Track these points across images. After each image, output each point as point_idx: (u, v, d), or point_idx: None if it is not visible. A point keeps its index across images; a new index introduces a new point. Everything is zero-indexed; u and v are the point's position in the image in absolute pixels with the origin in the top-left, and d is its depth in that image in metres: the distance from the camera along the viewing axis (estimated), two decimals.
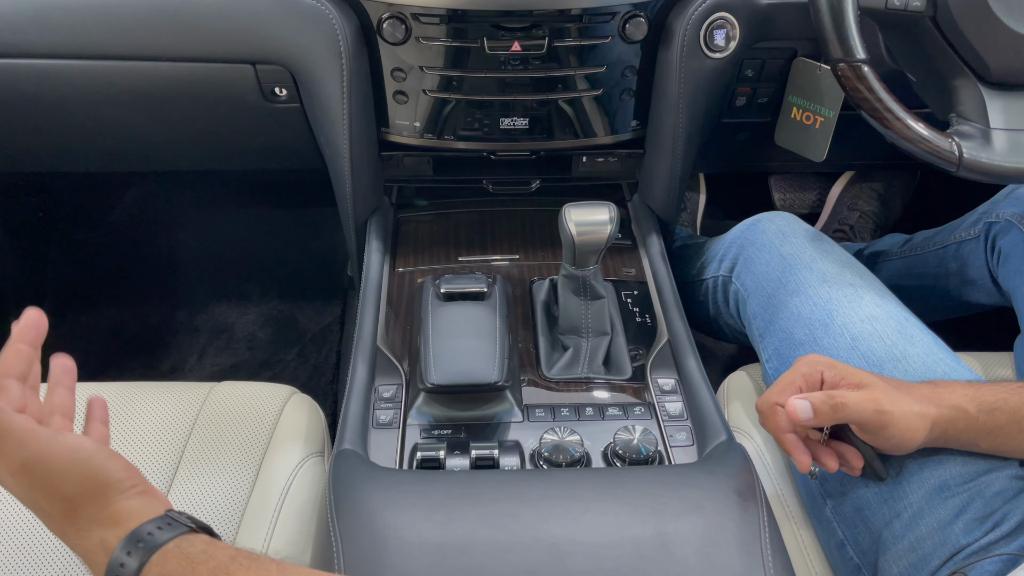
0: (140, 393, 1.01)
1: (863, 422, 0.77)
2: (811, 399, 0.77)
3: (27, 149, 1.25)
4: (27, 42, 1.01)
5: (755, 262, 1.11)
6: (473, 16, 0.99)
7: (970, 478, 0.79)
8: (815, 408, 0.77)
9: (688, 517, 0.69)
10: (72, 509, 0.58)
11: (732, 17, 1.03)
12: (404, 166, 1.20)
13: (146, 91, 1.07)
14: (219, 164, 1.37)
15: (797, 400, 0.77)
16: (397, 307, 1.05)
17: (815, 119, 1.17)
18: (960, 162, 0.89)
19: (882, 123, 0.91)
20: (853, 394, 0.77)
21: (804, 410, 0.77)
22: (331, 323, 1.76)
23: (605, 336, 0.98)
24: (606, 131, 1.14)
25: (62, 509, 0.58)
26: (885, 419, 0.75)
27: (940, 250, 1.24)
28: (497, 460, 0.82)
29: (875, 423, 0.76)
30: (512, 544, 0.67)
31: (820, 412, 0.77)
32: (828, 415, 0.77)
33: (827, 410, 0.76)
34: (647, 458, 0.81)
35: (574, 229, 0.88)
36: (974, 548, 0.75)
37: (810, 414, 0.77)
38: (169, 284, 1.83)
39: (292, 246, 1.92)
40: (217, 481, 0.91)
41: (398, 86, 1.07)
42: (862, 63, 0.89)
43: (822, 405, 0.76)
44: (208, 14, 0.99)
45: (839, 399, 0.76)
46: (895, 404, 0.76)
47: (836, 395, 0.77)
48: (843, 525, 0.86)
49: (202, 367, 1.68)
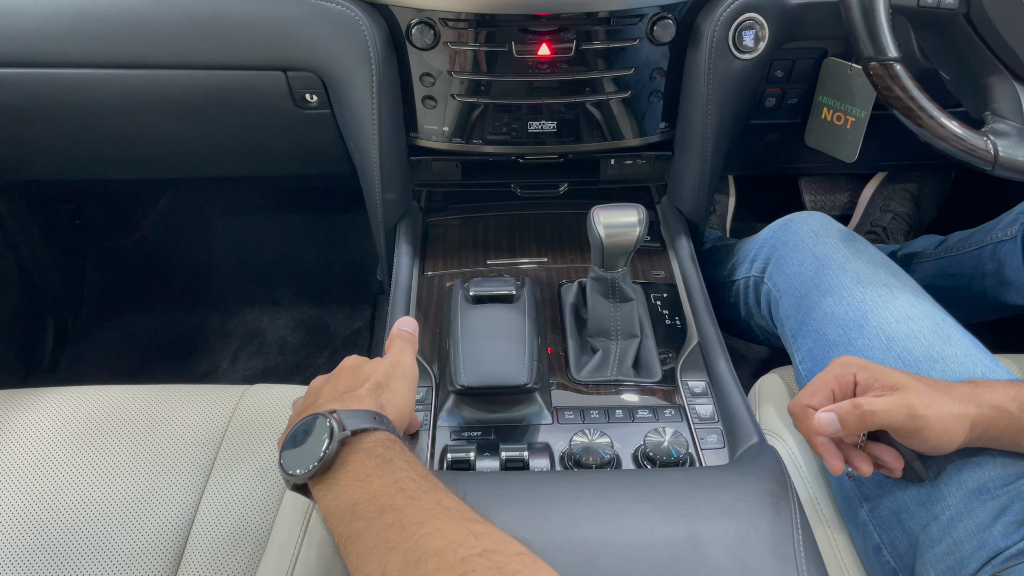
0: (175, 396, 1.03)
1: (895, 427, 0.76)
2: (837, 410, 0.76)
3: (64, 157, 1.28)
4: (63, 52, 1.03)
5: (788, 262, 1.10)
6: (501, 20, 1.00)
7: (1009, 480, 0.77)
8: (841, 419, 0.76)
9: (720, 519, 0.69)
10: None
11: (761, 18, 1.02)
12: (433, 170, 1.20)
13: (180, 99, 1.09)
14: (251, 170, 1.39)
15: (823, 414, 0.77)
16: (426, 310, 1.05)
17: (846, 119, 1.16)
18: (996, 160, 0.88)
19: (915, 122, 0.90)
20: (883, 400, 0.75)
21: (831, 423, 0.76)
22: (361, 327, 1.78)
23: (634, 338, 0.97)
24: (634, 133, 1.14)
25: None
26: (919, 423, 0.74)
27: (976, 251, 1.22)
28: (527, 462, 0.82)
29: (909, 428, 0.75)
30: (543, 545, 0.66)
31: (847, 423, 0.76)
32: (855, 425, 0.76)
33: (854, 420, 0.76)
34: (678, 460, 0.81)
35: (603, 231, 0.88)
36: (1013, 551, 0.74)
37: (837, 426, 0.76)
38: (202, 289, 1.86)
39: (322, 251, 1.94)
40: (251, 482, 0.92)
41: (427, 91, 1.07)
42: (894, 61, 0.89)
43: (848, 416, 0.76)
44: (240, 22, 1.01)
45: (867, 407, 0.75)
46: (931, 407, 0.75)
47: (863, 403, 0.75)
48: (879, 528, 0.85)
49: (234, 371, 1.71)
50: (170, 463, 0.93)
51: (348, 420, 0.65)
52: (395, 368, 0.77)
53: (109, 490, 0.90)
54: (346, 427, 0.64)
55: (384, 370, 0.76)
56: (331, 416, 0.65)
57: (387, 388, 0.75)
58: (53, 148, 1.24)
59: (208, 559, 0.86)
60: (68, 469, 0.92)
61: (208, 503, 0.90)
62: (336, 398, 0.71)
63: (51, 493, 0.90)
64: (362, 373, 0.76)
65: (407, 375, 0.78)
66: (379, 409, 0.70)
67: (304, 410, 0.72)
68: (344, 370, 0.78)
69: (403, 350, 0.81)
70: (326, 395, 0.74)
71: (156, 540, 0.87)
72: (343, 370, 0.78)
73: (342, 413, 0.66)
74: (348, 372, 0.77)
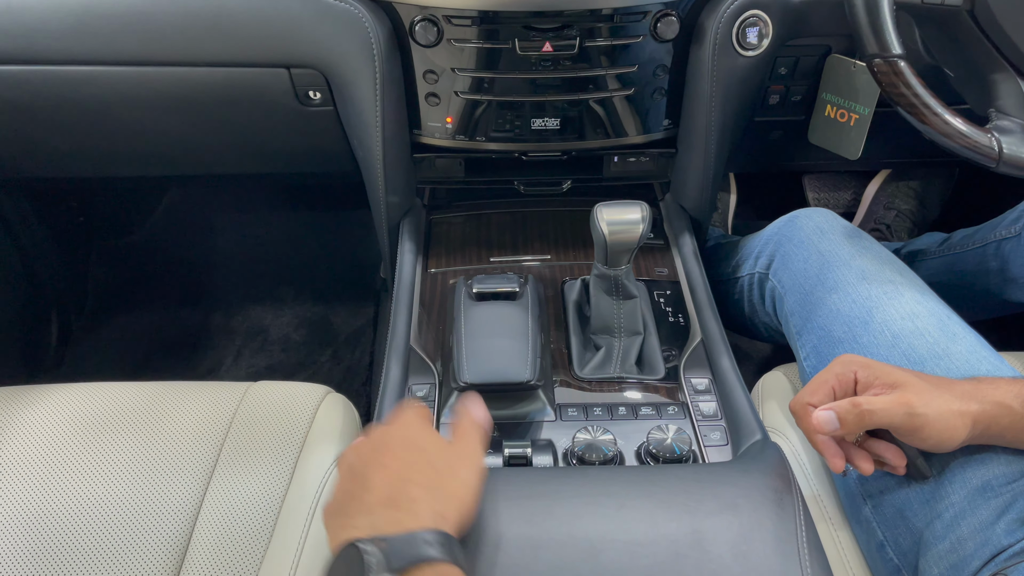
0: (179, 393, 1.03)
1: (894, 426, 0.76)
2: (836, 409, 0.76)
3: (69, 154, 1.28)
4: (68, 49, 1.04)
5: (792, 259, 1.09)
6: (504, 17, 0.99)
7: (1013, 478, 0.77)
8: (840, 418, 0.76)
9: (723, 515, 0.69)
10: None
11: (765, 15, 1.02)
12: (436, 168, 1.20)
13: (183, 96, 1.09)
14: (254, 167, 1.39)
15: (821, 412, 0.77)
16: (430, 307, 1.05)
17: (850, 116, 1.15)
18: (1000, 158, 0.87)
19: (919, 119, 0.89)
20: (881, 399, 0.75)
21: (829, 421, 0.76)
22: (364, 325, 1.78)
23: (638, 336, 0.97)
24: (638, 131, 1.14)
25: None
26: (918, 421, 0.74)
27: (980, 248, 1.22)
28: (530, 459, 0.82)
29: (907, 426, 0.75)
30: (547, 540, 0.67)
31: (845, 422, 0.76)
32: (854, 424, 0.76)
33: (852, 419, 0.75)
34: (681, 457, 0.81)
35: (606, 228, 0.88)
36: (1016, 549, 0.74)
37: (835, 425, 0.76)
38: (205, 287, 1.87)
39: (326, 249, 1.94)
40: (254, 479, 0.92)
41: (430, 88, 1.07)
42: (898, 58, 0.88)
43: (847, 415, 0.76)
44: (244, 20, 1.01)
45: (865, 406, 0.75)
46: (930, 405, 0.74)
47: (862, 402, 0.75)
48: (883, 526, 0.84)
49: (238, 369, 1.71)
50: (174, 460, 0.94)
51: (395, 554, 0.54)
52: (462, 457, 0.66)
53: (113, 487, 0.91)
54: (391, 566, 0.54)
55: (448, 455, 0.65)
56: (375, 546, 0.55)
57: (453, 480, 0.63)
58: (56, 145, 1.24)
59: (212, 555, 0.86)
60: (72, 466, 0.92)
61: (212, 499, 0.90)
62: (387, 502, 0.59)
63: (55, 490, 0.90)
64: (418, 455, 0.64)
65: (477, 465, 0.66)
66: (437, 520, 0.59)
67: (347, 501, 0.61)
68: (394, 448, 0.65)
69: (477, 441, 0.69)
70: (375, 489, 0.61)
71: (160, 536, 0.87)
72: (393, 448, 0.65)
73: (391, 542, 0.55)
74: (400, 452, 0.64)
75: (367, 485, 0.61)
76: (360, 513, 0.59)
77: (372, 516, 0.58)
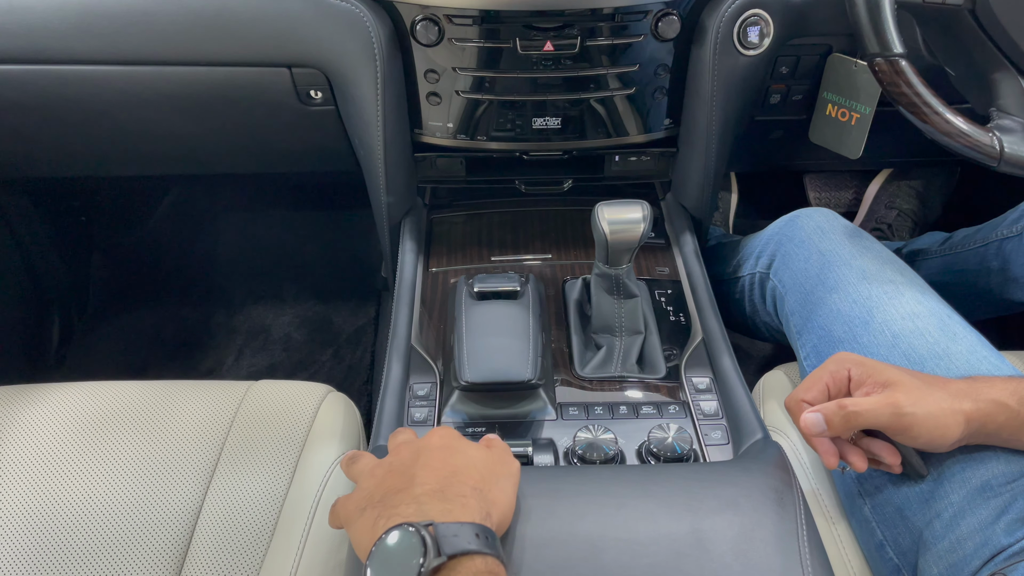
0: (180, 392, 1.03)
1: (882, 427, 0.76)
2: (823, 410, 0.76)
3: (71, 154, 1.28)
4: (70, 48, 1.04)
5: (793, 258, 1.10)
6: (505, 17, 1.00)
7: (1013, 478, 0.77)
8: (827, 420, 0.76)
9: (724, 514, 0.69)
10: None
11: (766, 14, 1.02)
12: (437, 167, 1.21)
13: (185, 95, 1.10)
14: (255, 167, 1.39)
15: (808, 414, 0.77)
16: (431, 307, 1.05)
17: (851, 116, 1.15)
18: (1001, 157, 0.87)
19: (920, 118, 0.89)
20: (868, 400, 0.75)
21: (816, 423, 0.76)
22: (365, 324, 1.78)
23: (639, 335, 0.97)
24: (639, 130, 1.14)
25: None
26: (906, 421, 0.74)
27: (981, 248, 1.22)
28: (531, 458, 0.82)
29: (896, 426, 0.75)
30: (548, 539, 0.67)
31: (832, 423, 0.76)
32: (840, 425, 0.76)
33: (839, 421, 0.76)
34: (682, 456, 0.81)
35: (607, 227, 0.88)
36: (1015, 549, 0.73)
37: (823, 427, 0.76)
38: (207, 286, 1.87)
39: (327, 248, 1.94)
40: (255, 478, 0.93)
41: (431, 87, 1.07)
42: (899, 57, 0.88)
43: (833, 416, 0.76)
44: (245, 19, 1.01)
45: (851, 408, 0.75)
46: (919, 404, 0.74)
47: (848, 404, 0.75)
48: (882, 525, 0.85)
49: (239, 367, 1.71)
50: (175, 459, 0.94)
51: (447, 538, 0.54)
52: (502, 464, 0.67)
53: (114, 486, 0.91)
54: (442, 551, 0.53)
55: (489, 462, 0.66)
56: (425, 530, 0.54)
57: (495, 486, 0.64)
58: (58, 144, 1.24)
59: (213, 554, 0.86)
60: (73, 465, 0.93)
61: (213, 498, 0.91)
62: (436, 494, 0.59)
63: (56, 489, 0.90)
64: (463, 458, 0.64)
65: (514, 475, 0.68)
66: (485, 518, 0.59)
67: (390, 494, 0.60)
68: (438, 453, 0.65)
69: (510, 453, 0.71)
70: (423, 483, 0.60)
71: (161, 535, 0.87)
72: (433, 448, 0.65)
73: (441, 528, 0.54)
74: (446, 455, 0.64)
75: (415, 480, 0.61)
76: (406, 503, 0.58)
77: (421, 505, 0.58)
